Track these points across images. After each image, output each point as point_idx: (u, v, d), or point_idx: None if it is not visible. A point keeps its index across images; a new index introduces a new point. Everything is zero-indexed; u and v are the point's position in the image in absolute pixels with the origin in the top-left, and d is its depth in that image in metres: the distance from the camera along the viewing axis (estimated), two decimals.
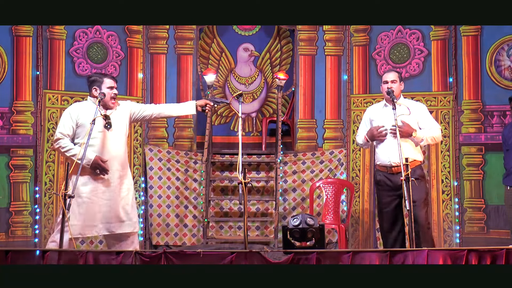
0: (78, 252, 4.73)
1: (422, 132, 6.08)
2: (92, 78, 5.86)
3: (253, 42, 8.78)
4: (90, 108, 5.71)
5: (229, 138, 8.63)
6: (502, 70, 7.61)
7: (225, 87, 8.76)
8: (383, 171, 6.15)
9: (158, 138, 8.16)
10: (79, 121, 5.68)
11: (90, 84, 5.82)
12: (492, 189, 7.50)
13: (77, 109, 5.79)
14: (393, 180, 6.05)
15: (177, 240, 7.93)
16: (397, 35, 8.03)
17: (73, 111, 5.76)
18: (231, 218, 8.10)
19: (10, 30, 7.44)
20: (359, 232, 7.95)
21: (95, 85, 5.77)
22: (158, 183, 7.96)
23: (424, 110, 6.28)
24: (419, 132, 6.04)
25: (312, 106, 8.29)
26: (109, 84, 5.77)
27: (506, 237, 7.05)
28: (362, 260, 4.68)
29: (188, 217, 8.01)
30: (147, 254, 4.74)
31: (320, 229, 5.79)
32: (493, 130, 7.60)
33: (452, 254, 4.71)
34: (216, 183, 8.15)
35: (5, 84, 7.39)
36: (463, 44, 7.74)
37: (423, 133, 6.07)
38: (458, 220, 7.65)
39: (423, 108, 6.31)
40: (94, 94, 5.76)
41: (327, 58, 8.29)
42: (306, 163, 8.10)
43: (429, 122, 6.20)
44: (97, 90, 5.73)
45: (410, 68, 7.98)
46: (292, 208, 8.02)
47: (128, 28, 8.03)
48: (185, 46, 8.26)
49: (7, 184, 7.35)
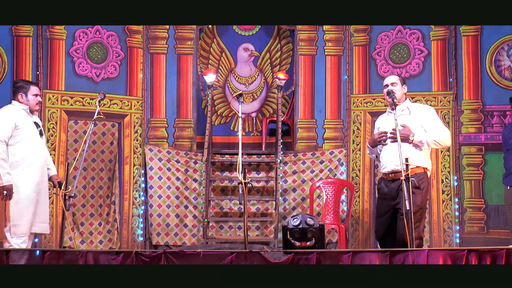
0: (78, 252, 4.73)
1: (422, 135, 5.66)
2: (19, 84, 6.11)
3: (253, 42, 8.78)
4: (21, 112, 5.96)
5: (229, 138, 8.63)
6: (502, 70, 7.61)
7: (225, 87, 8.76)
8: (383, 178, 5.90)
9: (158, 138, 8.16)
10: (18, 124, 5.89)
11: (16, 90, 6.06)
12: (492, 189, 7.50)
13: (12, 113, 5.95)
14: (390, 188, 5.77)
15: (177, 240, 7.92)
16: (397, 35, 8.03)
17: (10, 115, 5.92)
18: (231, 218, 8.10)
19: (10, 30, 7.44)
20: (359, 232, 7.95)
21: (21, 92, 6.02)
22: (158, 183, 7.96)
23: (430, 112, 5.87)
24: (418, 135, 5.68)
25: (312, 106, 8.29)
26: (35, 92, 6.05)
27: (506, 237, 7.05)
28: (362, 260, 4.68)
29: (188, 217, 8.01)
30: (147, 254, 4.74)
31: (320, 229, 5.79)
32: (493, 130, 7.60)
33: (452, 254, 4.71)
34: (216, 183, 8.15)
35: (5, 84, 7.39)
36: (463, 44, 7.74)
37: (422, 136, 5.66)
38: (458, 220, 7.65)
39: (430, 111, 5.90)
40: (20, 100, 6.02)
41: (327, 58, 8.28)
42: (306, 163, 8.10)
43: (435, 125, 5.77)
44: (23, 97, 5.99)
45: (410, 68, 7.98)
46: (292, 208, 8.02)
47: (128, 28, 8.04)
48: (185, 46, 8.26)
49: None
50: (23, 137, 5.88)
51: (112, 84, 7.91)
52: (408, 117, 5.77)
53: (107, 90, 7.20)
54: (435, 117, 5.88)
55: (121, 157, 7.91)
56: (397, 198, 5.67)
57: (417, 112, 5.84)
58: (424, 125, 5.77)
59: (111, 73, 7.94)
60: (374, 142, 5.88)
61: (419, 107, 5.99)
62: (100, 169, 7.80)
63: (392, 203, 5.75)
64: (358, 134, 8.06)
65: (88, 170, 7.74)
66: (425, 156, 5.78)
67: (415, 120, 5.76)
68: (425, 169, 5.76)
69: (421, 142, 5.65)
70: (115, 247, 7.68)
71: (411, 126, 5.68)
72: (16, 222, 5.78)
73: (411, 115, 5.79)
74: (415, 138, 5.63)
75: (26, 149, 5.87)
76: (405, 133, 5.61)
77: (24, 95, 6.01)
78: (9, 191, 5.73)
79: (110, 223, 7.78)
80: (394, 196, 5.72)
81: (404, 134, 5.59)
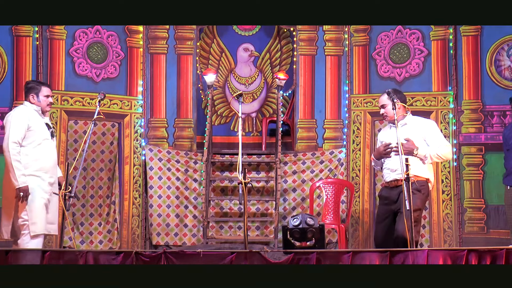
0: (78, 252, 4.73)
1: (426, 150, 5.78)
2: (30, 85, 6.08)
3: (253, 42, 8.77)
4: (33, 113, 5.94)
5: (229, 138, 8.63)
6: (502, 70, 7.61)
7: (225, 87, 8.75)
8: (385, 186, 6.02)
9: (158, 138, 8.16)
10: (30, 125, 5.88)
11: (27, 91, 6.03)
12: (492, 189, 7.50)
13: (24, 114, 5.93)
14: (391, 193, 5.89)
15: (177, 240, 7.92)
16: (397, 35, 8.02)
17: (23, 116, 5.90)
18: (231, 218, 8.09)
19: (10, 30, 7.44)
20: (359, 232, 7.95)
21: (32, 92, 5.99)
22: (158, 183, 7.96)
23: (432, 127, 6.02)
24: (422, 150, 5.77)
25: (312, 106, 8.28)
26: (46, 93, 6.03)
27: (506, 237, 7.05)
28: (362, 260, 4.69)
29: (188, 217, 8.01)
30: (147, 254, 4.74)
31: (320, 229, 5.80)
32: (493, 130, 7.60)
33: (452, 254, 4.71)
34: (216, 183, 8.15)
35: (5, 84, 7.40)
36: (463, 44, 7.74)
37: (426, 150, 5.78)
38: (458, 220, 7.65)
39: (431, 125, 6.06)
40: (31, 101, 5.99)
41: (327, 58, 8.28)
42: (306, 163, 8.10)
43: (437, 139, 5.91)
44: (34, 97, 5.96)
45: (410, 68, 7.98)
46: (292, 208, 8.02)
47: (128, 28, 8.03)
48: (185, 46, 8.26)
49: None
50: (35, 139, 5.88)
51: (112, 84, 7.90)
52: (410, 131, 5.86)
53: (107, 90, 7.19)
54: (437, 131, 6.04)
55: (121, 157, 7.91)
56: (398, 201, 5.77)
57: (419, 126, 5.96)
58: (427, 139, 5.89)
59: (111, 73, 7.94)
60: (380, 154, 5.95)
61: (420, 121, 6.07)
62: (100, 169, 7.80)
63: (392, 206, 5.86)
64: (358, 134, 8.06)
65: (88, 170, 7.74)
66: (428, 169, 5.91)
67: (418, 134, 5.87)
68: (427, 179, 5.90)
69: (425, 156, 5.77)
70: (115, 247, 7.69)
71: (415, 141, 5.78)
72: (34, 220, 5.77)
73: (413, 129, 5.89)
74: (419, 152, 5.74)
75: (37, 151, 5.88)
76: (410, 147, 5.72)
77: (35, 96, 5.99)
78: (25, 192, 5.73)
79: (110, 223, 7.78)
80: (395, 200, 5.81)
81: (408, 148, 5.70)
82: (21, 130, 5.83)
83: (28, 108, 5.98)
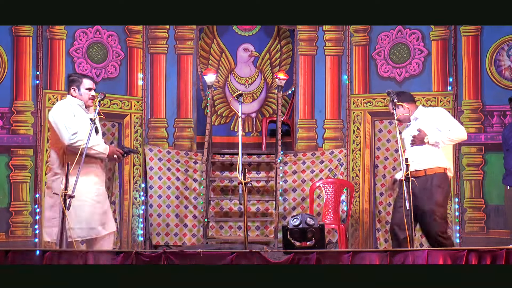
0: (78, 252, 4.73)
1: (436, 136, 5.98)
2: (71, 78, 5.85)
3: (253, 42, 8.78)
4: (76, 108, 5.69)
5: (229, 138, 8.63)
6: (502, 70, 7.61)
7: (225, 87, 8.76)
8: None
9: (158, 138, 8.16)
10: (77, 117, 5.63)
11: (69, 84, 5.81)
12: (492, 189, 7.50)
13: (69, 106, 5.70)
14: None
15: (177, 240, 7.93)
16: (397, 35, 8.03)
17: (68, 107, 5.67)
18: (231, 218, 8.10)
19: (10, 30, 7.43)
20: (359, 232, 7.95)
21: (73, 85, 5.75)
22: (158, 183, 7.96)
23: (441, 114, 6.17)
24: (432, 137, 5.96)
25: (312, 106, 8.29)
26: (88, 85, 5.76)
27: (506, 237, 7.05)
28: (362, 260, 4.68)
29: (188, 217, 8.01)
30: (147, 254, 4.74)
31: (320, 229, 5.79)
32: (493, 130, 7.60)
33: (452, 254, 4.71)
34: (216, 183, 8.15)
35: (5, 84, 7.39)
36: (463, 44, 7.74)
37: (436, 137, 5.97)
38: (458, 220, 7.65)
39: (441, 112, 6.21)
40: (73, 94, 5.75)
41: (327, 58, 8.29)
42: (306, 163, 8.10)
43: (447, 124, 6.06)
44: (76, 90, 5.73)
45: (410, 68, 7.98)
46: (292, 208, 8.02)
47: (128, 28, 8.04)
48: (185, 46, 8.26)
49: (7, 184, 7.35)
50: None
51: (112, 84, 7.90)
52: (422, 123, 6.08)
53: (107, 90, 7.17)
54: (447, 116, 6.18)
55: None
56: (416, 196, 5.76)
57: (429, 117, 6.13)
58: (438, 126, 6.07)
59: (111, 73, 7.94)
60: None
61: (430, 111, 6.26)
62: None
63: None
64: (358, 134, 8.06)
65: None
66: (446, 156, 6.10)
67: (430, 124, 6.07)
68: (445, 169, 6.07)
69: (436, 142, 5.99)
70: (115, 247, 7.68)
71: (426, 130, 6.01)
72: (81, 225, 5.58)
73: (424, 121, 6.10)
74: (430, 139, 5.98)
75: None
76: (420, 136, 6.00)
77: (76, 89, 5.71)
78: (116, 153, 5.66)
79: None
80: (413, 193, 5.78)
81: (419, 137, 6.00)
82: (71, 118, 5.52)
83: (71, 102, 5.72)
